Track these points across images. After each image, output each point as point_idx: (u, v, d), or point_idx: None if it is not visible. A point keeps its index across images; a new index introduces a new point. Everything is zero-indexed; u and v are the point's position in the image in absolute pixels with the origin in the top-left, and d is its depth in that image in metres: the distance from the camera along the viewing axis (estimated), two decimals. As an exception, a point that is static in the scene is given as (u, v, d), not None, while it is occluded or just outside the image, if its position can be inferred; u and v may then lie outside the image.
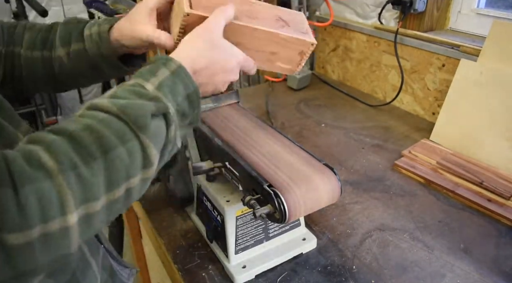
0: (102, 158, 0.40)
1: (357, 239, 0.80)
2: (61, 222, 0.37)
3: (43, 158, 0.37)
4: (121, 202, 0.43)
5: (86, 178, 0.38)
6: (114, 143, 0.41)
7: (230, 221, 0.70)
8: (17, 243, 0.34)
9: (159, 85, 0.47)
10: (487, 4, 1.20)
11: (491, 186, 0.89)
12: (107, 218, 0.43)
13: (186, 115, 0.50)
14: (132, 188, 0.43)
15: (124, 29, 0.63)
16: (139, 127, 0.43)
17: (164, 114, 0.46)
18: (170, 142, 0.48)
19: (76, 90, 2.24)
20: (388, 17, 1.36)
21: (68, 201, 0.37)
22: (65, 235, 0.37)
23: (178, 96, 0.48)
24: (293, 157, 0.67)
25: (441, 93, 1.19)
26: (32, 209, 0.35)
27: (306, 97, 1.44)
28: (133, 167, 0.42)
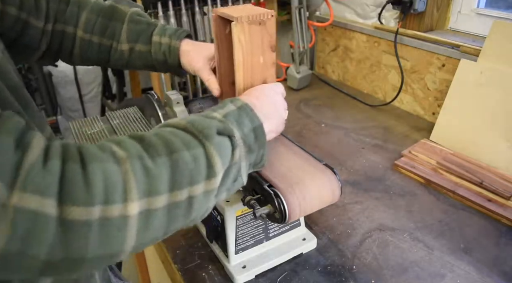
0: (167, 157, 0.41)
1: (357, 239, 0.80)
2: (122, 208, 0.37)
3: (113, 148, 0.39)
4: (182, 208, 0.42)
5: (150, 169, 0.39)
6: (179, 147, 0.42)
7: (230, 221, 0.70)
8: (77, 219, 0.34)
9: (225, 115, 0.50)
10: (487, 4, 1.20)
11: (491, 186, 0.89)
12: (166, 224, 0.42)
13: (251, 150, 0.51)
14: (194, 197, 0.43)
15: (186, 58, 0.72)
16: (205, 136, 0.45)
17: (229, 137, 0.48)
18: (235, 166, 0.48)
19: (76, 89, 2.24)
20: (388, 17, 1.36)
21: (131, 188, 0.37)
22: (123, 226, 0.37)
23: (243, 127, 0.50)
24: (293, 157, 0.67)
25: (441, 93, 1.19)
26: (97, 186, 0.35)
27: (306, 97, 1.44)
28: (196, 173, 0.43)
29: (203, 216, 0.47)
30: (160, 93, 1.36)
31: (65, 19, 0.69)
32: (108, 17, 0.71)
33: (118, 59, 0.73)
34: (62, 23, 0.69)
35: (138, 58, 0.73)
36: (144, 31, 0.72)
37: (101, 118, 0.98)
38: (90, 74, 2.29)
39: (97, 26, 0.71)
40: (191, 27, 1.41)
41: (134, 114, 0.97)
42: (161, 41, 0.71)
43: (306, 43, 1.47)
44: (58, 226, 0.34)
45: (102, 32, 0.71)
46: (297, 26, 1.41)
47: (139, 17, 0.73)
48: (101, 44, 0.72)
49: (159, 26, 0.73)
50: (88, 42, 0.71)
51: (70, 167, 0.35)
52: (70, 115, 2.35)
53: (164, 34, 0.72)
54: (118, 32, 0.71)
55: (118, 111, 1.00)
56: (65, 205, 0.34)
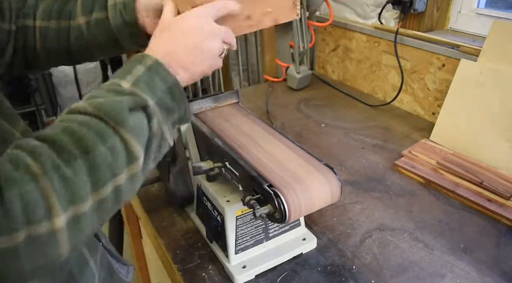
0: (83, 158, 0.40)
1: (357, 239, 0.80)
2: (49, 225, 0.36)
3: (27, 161, 0.37)
4: (111, 200, 0.42)
5: (69, 178, 0.38)
6: (93, 142, 0.41)
7: (230, 221, 0.70)
8: (5, 247, 0.34)
9: (135, 81, 0.47)
10: (487, 4, 1.20)
11: (491, 186, 0.89)
12: (98, 218, 0.42)
13: (171, 110, 0.49)
14: (120, 186, 0.43)
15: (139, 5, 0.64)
16: (117, 123, 0.43)
17: (143, 108, 0.46)
18: (155, 136, 0.47)
19: (76, 89, 2.24)
20: (388, 17, 1.36)
21: (53, 202, 0.37)
22: (53, 239, 0.37)
23: (157, 91, 0.48)
24: (293, 157, 0.67)
25: (441, 93, 1.19)
26: (17, 212, 0.35)
27: (306, 97, 1.44)
28: (117, 164, 0.42)
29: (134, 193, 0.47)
30: (160, 93, 1.36)
31: (25, 13, 0.66)
32: (65, 1, 0.68)
33: (77, 38, 0.67)
34: (22, 18, 0.66)
35: (97, 30, 0.67)
36: None
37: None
38: (90, 74, 2.29)
39: (54, 11, 0.67)
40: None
41: (134, 114, 0.97)
42: (116, 1, 0.66)
43: (306, 43, 1.47)
44: None
45: (59, 15, 0.67)
46: (297, 26, 1.41)
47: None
48: (59, 28, 0.67)
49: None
50: (46, 29, 0.67)
51: None
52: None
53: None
54: (74, 10, 0.67)
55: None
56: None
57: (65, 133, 0.41)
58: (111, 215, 0.44)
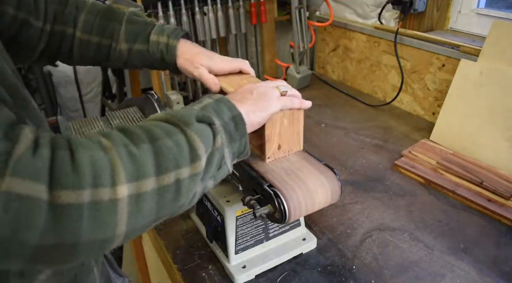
0: (150, 143, 0.43)
1: (357, 239, 0.80)
2: (111, 192, 0.38)
3: (100, 138, 0.41)
4: (171, 192, 0.43)
5: (136, 155, 0.41)
6: (161, 135, 0.44)
7: (230, 221, 0.70)
8: (67, 202, 0.35)
9: (203, 107, 0.52)
10: (487, 4, 1.20)
11: (491, 186, 0.89)
12: (157, 208, 0.42)
13: (233, 138, 0.52)
14: (181, 181, 0.44)
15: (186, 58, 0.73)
16: (185, 123, 0.47)
17: (209, 124, 0.49)
18: (217, 151, 0.49)
19: (76, 89, 2.24)
20: (388, 17, 1.36)
21: (119, 172, 0.39)
22: (114, 209, 0.38)
23: (223, 115, 0.52)
24: (293, 157, 0.67)
25: (441, 93, 1.19)
26: (86, 170, 0.36)
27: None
28: (181, 157, 0.44)
29: (191, 202, 0.48)
30: (160, 93, 1.36)
31: (64, 20, 0.71)
32: (107, 18, 0.73)
33: (117, 59, 0.75)
34: (61, 24, 0.71)
35: (136, 57, 0.74)
36: (142, 31, 0.73)
37: (101, 118, 0.98)
38: (90, 74, 2.28)
39: (96, 27, 0.72)
40: (191, 27, 1.41)
41: (134, 114, 0.97)
42: (159, 40, 0.73)
43: (306, 43, 1.47)
44: (49, 210, 0.34)
45: (101, 32, 0.72)
46: (297, 26, 1.41)
47: (136, 17, 0.75)
48: (100, 44, 0.73)
49: (157, 26, 0.75)
50: (87, 43, 0.72)
51: (59, 154, 0.36)
52: (70, 115, 2.35)
53: (162, 33, 0.73)
54: (117, 33, 0.73)
55: (118, 111, 1.00)
56: (55, 190, 0.35)
57: (136, 127, 0.45)
58: (168, 212, 0.45)
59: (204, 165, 0.47)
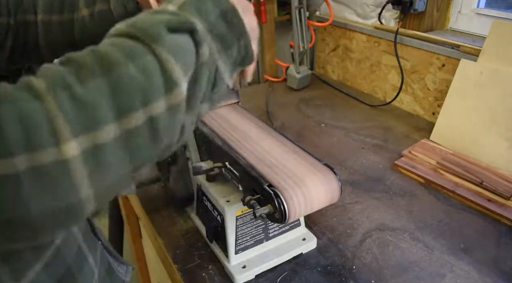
0: (105, 76, 0.33)
1: (357, 239, 0.80)
2: (55, 152, 0.30)
3: (32, 81, 0.31)
4: (143, 135, 0.34)
5: (82, 98, 0.31)
6: (119, 60, 0.34)
7: (230, 221, 0.70)
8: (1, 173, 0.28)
9: (181, 5, 0.39)
10: (487, 4, 1.20)
11: (491, 186, 0.89)
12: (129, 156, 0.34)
13: (227, 41, 0.41)
14: (156, 118, 0.35)
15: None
16: (152, 39, 0.35)
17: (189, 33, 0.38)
18: (205, 66, 0.39)
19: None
20: (388, 17, 1.36)
21: (60, 125, 0.30)
22: (63, 171, 0.30)
23: (208, 15, 0.39)
24: (293, 157, 0.67)
25: (441, 93, 1.19)
26: (13, 133, 0.29)
27: (306, 97, 1.44)
28: (150, 88, 0.34)
29: (181, 139, 0.39)
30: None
31: (24, 9, 0.65)
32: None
33: (81, 31, 0.67)
34: (22, 13, 0.65)
35: (100, 21, 0.66)
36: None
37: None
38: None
39: (56, 5, 0.66)
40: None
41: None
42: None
43: (306, 43, 1.47)
44: None
45: (61, 8, 0.66)
46: (297, 26, 1.41)
47: None
48: (62, 22, 0.66)
49: None
50: (48, 24, 0.66)
51: None
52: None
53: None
54: (76, 2, 0.67)
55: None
56: None
57: (88, 52, 0.35)
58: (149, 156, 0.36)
59: (186, 90, 0.37)
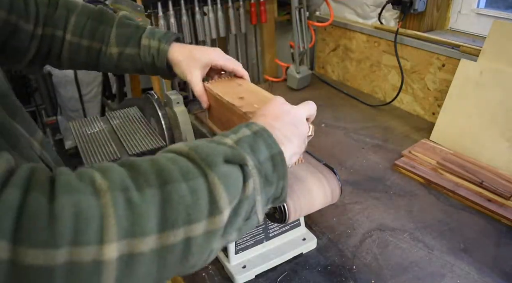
0: (159, 189, 0.34)
1: (357, 239, 0.80)
2: (96, 251, 0.30)
3: (95, 176, 0.33)
4: (177, 253, 0.35)
5: (136, 204, 0.33)
6: (175, 177, 0.36)
7: (230, 221, 0.70)
8: (35, 264, 0.28)
9: (238, 140, 0.43)
10: (487, 4, 1.20)
11: (491, 186, 0.89)
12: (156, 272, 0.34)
13: (269, 182, 0.43)
14: (193, 239, 0.35)
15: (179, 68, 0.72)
16: (208, 164, 0.38)
17: (240, 166, 0.41)
18: (247, 200, 0.40)
19: (76, 90, 2.24)
20: (388, 17, 1.36)
21: (110, 226, 0.31)
22: (96, 273, 0.30)
23: (259, 154, 0.43)
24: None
25: (441, 93, 1.19)
26: (65, 223, 0.29)
27: (306, 97, 1.44)
28: (195, 209, 0.36)
29: (206, 261, 0.40)
30: (160, 93, 1.36)
31: (54, 23, 0.69)
32: (98, 21, 0.72)
33: (107, 63, 0.74)
34: (51, 27, 0.69)
35: (126, 61, 0.73)
36: (134, 35, 0.72)
37: (101, 118, 0.98)
38: (90, 74, 2.28)
39: (87, 30, 0.71)
40: (191, 27, 1.41)
41: (134, 114, 0.97)
42: (150, 44, 0.72)
43: (306, 43, 1.47)
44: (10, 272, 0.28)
45: (91, 35, 0.71)
46: (297, 26, 1.41)
47: (128, 21, 0.74)
48: (90, 47, 0.72)
49: (148, 29, 0.73)
50: (77, 46, 0.71)
51: (33, 199, 0.29)
52: (70, 115, 2.35)
53: (153, 37, 0.72)
54: (107, 36, 0.72)
55: (118, 111, 1.00)
56: (21, 247, 0.28)
57: (147, 162, 0.37)
58: (171, 275, 0.37)
59: (227, 219, 0.38)
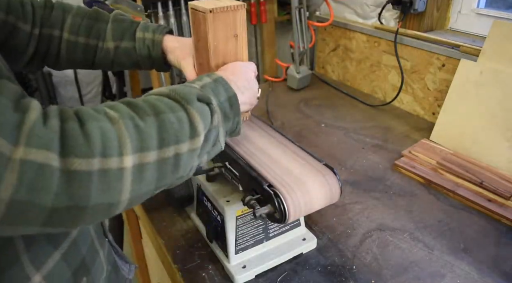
0: (155, 117, 0.45)
1: (357, 239, 0.80)
2: (119, 161, 0.40)
3: (106, 110, 0.43)
4: (170, 164, 0.46)
5: (141, 128, 0.43)
6: (164, 109, 0.46)
7: (230, 221, 0.70)
8: (79, 169, 0.37)
9: (203, 86, 0.55)
10: (487, 4, 1.20)
11: (491, 186, 0.89)
12: (157, 178, 0.45)
13: (227, 117, 0.55)
14: (180, 155, 0.46)
15: (173, 54, 0.75)
16: (187, 101, 0.49)
17: (207, 104, 0.52)
18: (214, 129, 0.52)
19: (76, 89, 2.24)
20: (388, 17, 1.36)
21: (126, 143, 0.41)
22: (120, 177, 0.40)
23: (219, 96, 0.55)
24: (293, 157, 0.67)
25: (441, 93, 1.19)
26: (96, 140, 0.39)
27: (306, 97, 1.44)
28: (181, 132, 0.46)
29: (188, 175, 0.51)
30: (160, 93, 1.36)
31: (51, 23, 0.72)
32: (93, 19, 0.75)
33: (103, 58, 0.76)
34: (48, 28, 0.72)
35: (123, 55, 0.76)
36: (128, 29, 0.75)
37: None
38: (90, 74, 2.28)
39: (83, 28, 0.74)
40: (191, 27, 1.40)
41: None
42: (145, 36, 0.75)
43: (306, 43, 1.47)
44: (61, 176, 0.36)
45: (88, 33, 0.74)
46: (297, 26, 1.41)
47: (122, 17, 0.77)
48: (87, 44, 0.75)
49: (141, 23, 0.77)
50: (74, 44, 0.74)
51: (69, 125, 0.38)
52: (70, 115, 2.35)
53: (147, 30, 0.75)
54: (103, 32, 0.75)
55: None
56: (67, 157, 0.37)
57: (140, 100, 0.47)
58: (167, 182, 0.47)
59: (202, 141, 0.50)
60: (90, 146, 0.38)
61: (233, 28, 0.66)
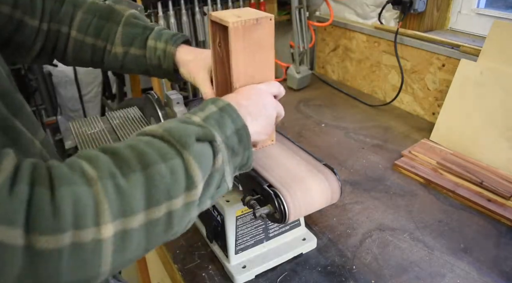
0: (142, 172, 0.39)
1: (357, 239, 0.80)
2: (95, 232, 0.35)
3: (84, 167, 0.37)
4: (162, 225, 0.40)
5: (123, 189, 0.37)
6: (154, 159, 0.40)
7: (230, 221, 0.70)
8: (46, 247, 0.33)
9: (205, 118, 0.48)
10: (487, 4, 1.20)
11: (491, 186, 0.89)
12: (145, 242, 0.40)
13: (236, 153, 0.49)
14: (174, 212, 0.41)
15: (186, 68, 0.69)
16: (182, 145, 0.42)
17: (210, 142, 0.46)
18: (217, 172, 0.46)
19: (76, 90, 2.25)
20: (388, 17, 1.36)
21: (104, 210, 0.36)
22: (97, 250, 0.35)
23: (226, 129, 0.48)
24: (293, 157, 0.67)
25: (441, 93, 1.19)
26: (66, 211, 0.34)
27: (306, 97, 1.44)
28: (175, 186, 0.41)
29: (186, 228, 0.45)
30: (160, 93, 1.37)
31: (60, 19, 0.69)
32: (105, 18, 0.70)
33: (112, 62, 0.72)
34: (57, 23, 0.69)
35: (132, 62, 0.72)
36: (139, 35, 0.70)
37: (101, 118, 0.98)
38: (90, 74, 2.29)
39: (92, 27, 0.69)
40: (191, 27, 1.41)
41: (134, 114, 0.97)
42: (157, 46, 0.70)
43: (306, 43, 1.47)
44: (26, 256, 0.32)
45: (97, 33, 0.70)
46: (297, 26, 1.41)
47: (136, 20, 0.71)
48: (94, 45, 0.71)
49: (155, 30, 0.71)
50: (81, 43, 0.70)
51: (38, 192, 0.33)
52: (70, 115, 2.35)
53: (160, 39, 0.70)
54: (113, 35, 0.70)
55: (118, 111, 1.01)
56: (32, 234, 0.32)
57: (127, 148, 0.41)
58: (159, 243, 0.42)
59: (201, 191, 0.44)
60: (59, 220, 0.33)
61: (258, 43, 0.59)
